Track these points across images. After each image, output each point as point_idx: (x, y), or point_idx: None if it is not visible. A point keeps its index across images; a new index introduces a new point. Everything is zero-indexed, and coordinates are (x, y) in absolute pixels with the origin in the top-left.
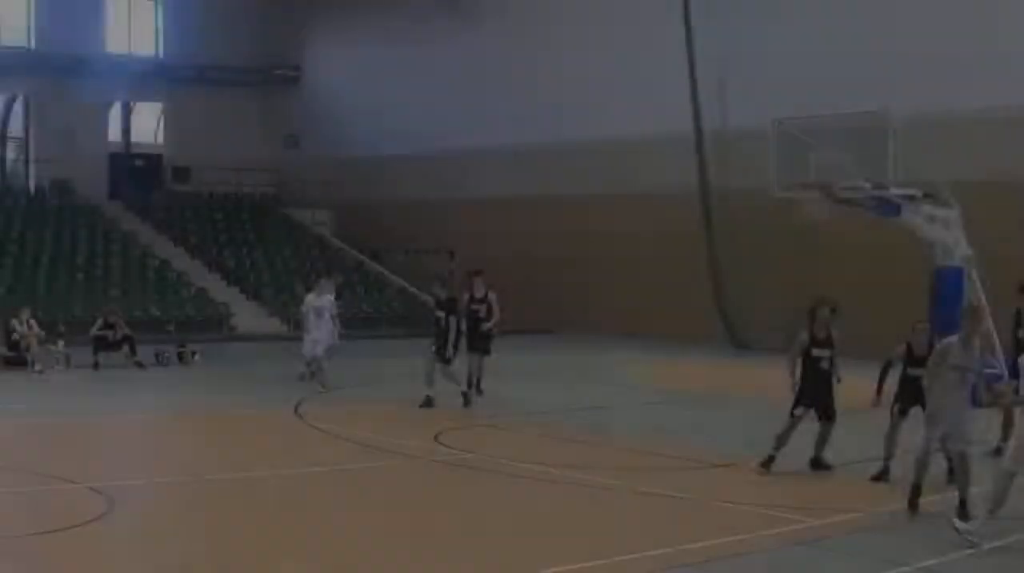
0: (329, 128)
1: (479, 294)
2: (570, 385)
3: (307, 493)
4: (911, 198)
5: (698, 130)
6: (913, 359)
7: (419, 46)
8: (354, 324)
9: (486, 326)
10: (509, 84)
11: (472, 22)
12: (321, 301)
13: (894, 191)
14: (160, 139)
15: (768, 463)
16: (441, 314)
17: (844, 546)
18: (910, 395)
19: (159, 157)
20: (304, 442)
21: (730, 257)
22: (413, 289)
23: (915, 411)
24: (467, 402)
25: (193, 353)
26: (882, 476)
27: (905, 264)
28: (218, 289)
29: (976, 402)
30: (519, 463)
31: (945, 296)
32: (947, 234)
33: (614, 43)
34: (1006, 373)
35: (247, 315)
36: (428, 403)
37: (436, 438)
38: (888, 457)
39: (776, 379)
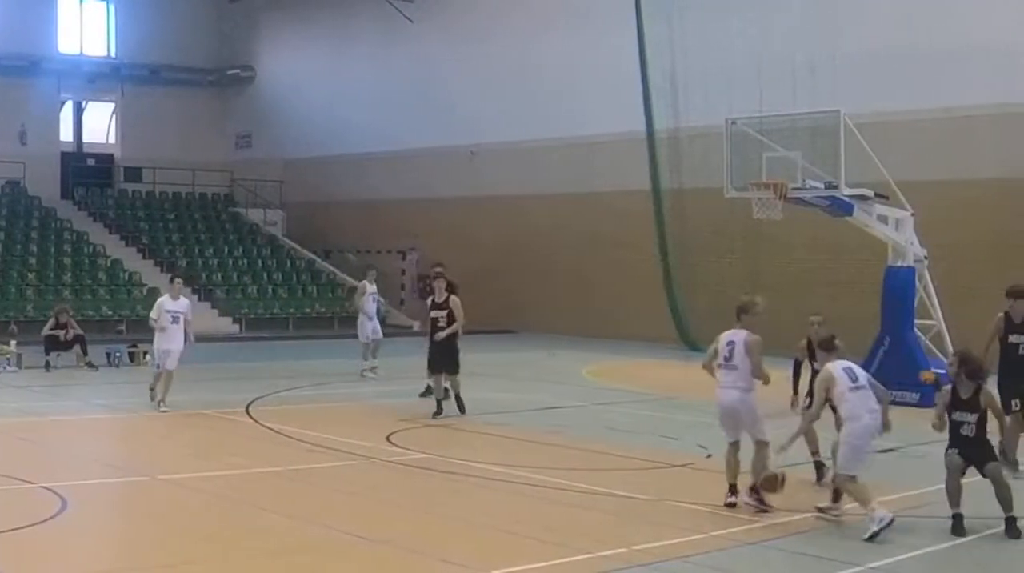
0: (282, 128)
1: (440, 299)
2: (526, 385)
3: (261, 493)
4: (863, 198)
5: (650, 130)
6: (812, 355)
7: (372, 47)
8: (305, 324)
9: (439, 335)
10: (463, 84)
11: (426, 22)
12: (178, 305)
13: (846, 191)
14: (112, 139)
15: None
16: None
17: (796, 546)
18: None
19: (111, 157)
20: (257, 442)
21: (683, 257)
22: None
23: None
24: (439, 409)
25: (145, 353)
26: (820, 476)
27: (857, 264)
28: (170, 289)
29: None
30: (472, 463)
31: (895, 295)
32: (899, 234)
33: (570, 43)
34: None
35: (198, 315)
36: (429, 392)
37: (388, 438)
38: (814, 453)
39: None
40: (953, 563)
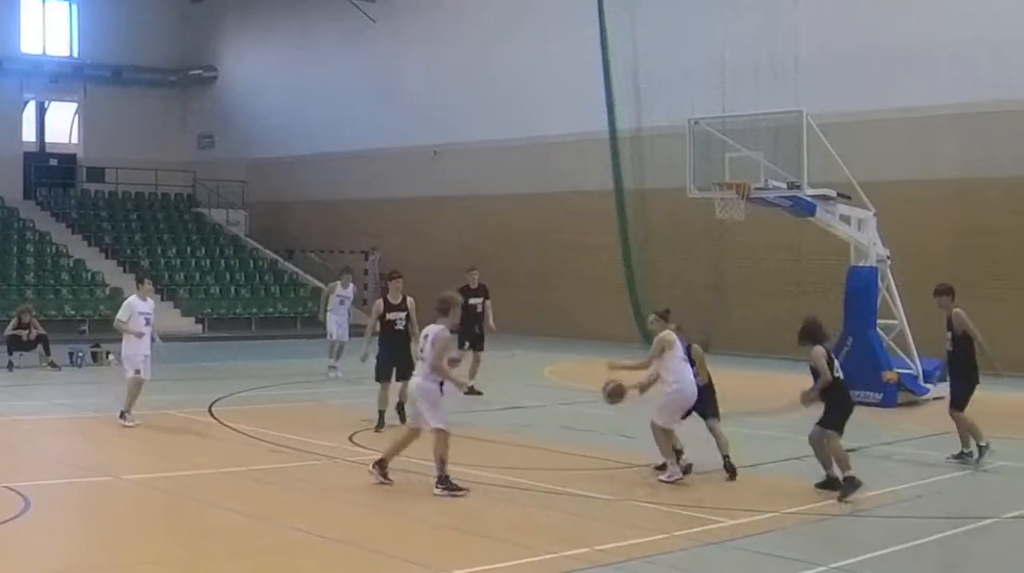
0: (244, 128)
1: (396, 301)
2: (486, 385)
3: (225, 493)
4: (826, 198)
5: (612, 130)
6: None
7: (335, 47)
8: (268, 324)
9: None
10: (425, 84)
11: (388, 23)
12: (148, 306)
13: (809, 191)
14: (75, 139)
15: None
16: (477, 301)
17: (758, 546)
18: None
19: (74, 157)
20: (220, 443)
21: (646, 257)
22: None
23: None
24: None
25: (107, 353)
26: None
27: (820, 264)
28: (132, 289)
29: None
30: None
31: (857, 295)
32: (862, 234)
33: (530, 44)
34: (921, 372)
35: (161, 315)
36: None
37: (351, 438)
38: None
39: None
40: (916, 563)
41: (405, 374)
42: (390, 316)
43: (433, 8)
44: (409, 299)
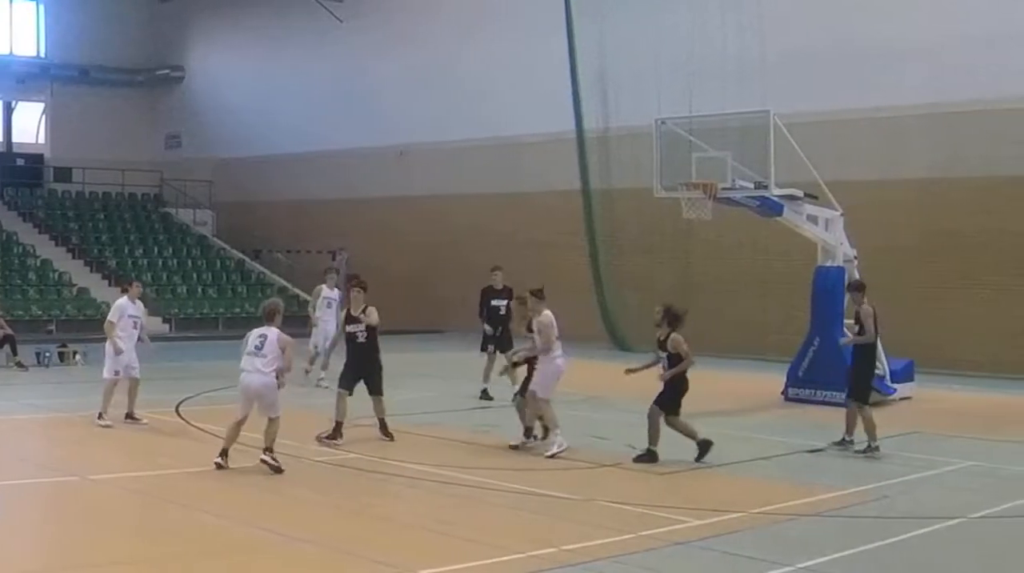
0: (211, 128)
1: (355, 312)
2: (455, 385)
3: (191, 493)
4: (793, 198)
5: (579, 130)
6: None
7: (302, 47)
8: (235, 324)
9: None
10: (393, 84)
11: (355, 23)
12: (138, 309)
13: (776, 191)
14: (42, 139)
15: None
16: (501, 303)
17: (725, 546)
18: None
19: (40, 157)
20: (187, 442)
21: (613, 257)
22: (296, 289)
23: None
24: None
25: (75, 353)
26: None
27: (787, 264)
28: (99, 289)
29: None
30: (401, 463)
31: (824, 295)
32: (829, 234)
33: (498, 44)
34: (887, 372)
35: None
36: (485, 396)
37: (318, 438)
38: (528, 426)
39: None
40: (884, 563)
41: (373, 387)
42: (350, 328)
43: (401, 8)
44: (371, 309)
